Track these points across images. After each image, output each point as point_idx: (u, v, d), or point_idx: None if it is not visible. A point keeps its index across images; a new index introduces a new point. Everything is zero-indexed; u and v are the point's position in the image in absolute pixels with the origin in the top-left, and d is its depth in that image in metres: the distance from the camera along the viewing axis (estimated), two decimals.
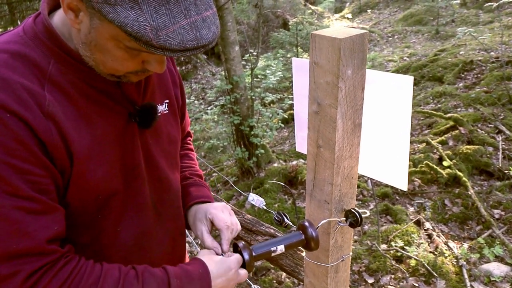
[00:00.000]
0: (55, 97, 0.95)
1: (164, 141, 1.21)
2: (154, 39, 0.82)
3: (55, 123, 0.93)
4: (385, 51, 10.11)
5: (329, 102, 1.07)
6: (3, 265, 0.87)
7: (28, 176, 0.89)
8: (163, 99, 1.22)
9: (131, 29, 0.81)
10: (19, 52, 0.94)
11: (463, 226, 3.74)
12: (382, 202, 4.16)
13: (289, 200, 4.65)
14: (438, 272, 3.17)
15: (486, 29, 9.07)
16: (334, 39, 1.00)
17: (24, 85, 0.90)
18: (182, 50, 0.84)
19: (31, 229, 0.89)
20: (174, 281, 1.02)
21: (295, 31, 8.20)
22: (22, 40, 0.97)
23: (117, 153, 1.07)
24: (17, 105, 0.88)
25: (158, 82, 1.21)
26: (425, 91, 6.41)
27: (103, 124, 1.03)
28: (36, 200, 0.91)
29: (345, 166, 1.14)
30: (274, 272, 3.63)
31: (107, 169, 1.04)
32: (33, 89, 0.91)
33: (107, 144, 1.04)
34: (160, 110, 1.20)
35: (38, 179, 0.91)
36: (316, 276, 1.32)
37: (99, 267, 0.98)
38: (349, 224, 1.20)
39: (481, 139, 4.54)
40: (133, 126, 1.10)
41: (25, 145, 0.89)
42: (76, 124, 0.98)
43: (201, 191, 1.39)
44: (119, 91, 1.06)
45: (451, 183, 4.14)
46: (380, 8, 14.61)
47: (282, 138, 7.00)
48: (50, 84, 0.95)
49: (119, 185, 1.09)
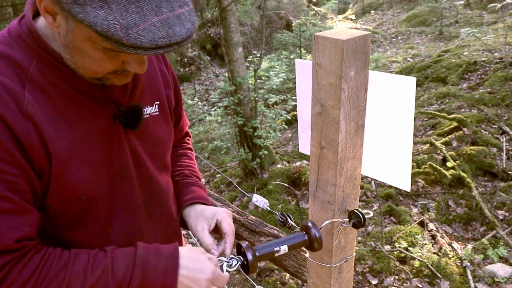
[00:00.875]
0: (35, 97, 0.95)
1: (151, 142, 1.21)
2: (125, 38, 0.81)
3: (33, 123, 0.94)
4: (389, 52, 10.10)
5: (332, 103, 1.07)
6: None
7: (3, 175, 0.91)
8: (153, 101, 1.22)
9: (101, 28, 0.80)
10: (1, 52, 0.95)
11: (467, 227, 3.73)
12: (386, 203, 4.15)
13: (292, 201, 4.65)
14: (442, 273, 3.16)
15: (490, 29, 9.05)
16: (337, 41, 1.00)
17: (4, 84, 0.91)
18: (153, 48, 0.83)
19: (2, 229, 0.91)
20: (140, 252, 1.04)
21: (298, 32, 8.21)
22: (6, 40, 0.98)
23: (102, 154, 1.07)
24: None
25: (148, 84, 1.20)
26: (429, 92, 6.40)
27: (85, 125, 1.03)
28: (10, 200, 0.92)
29: (348, 167, 1.15)
30: (278, 273, 3.63)
31: (90, 170, 1.04)
32: (13, 88, 0.92)
33: (90, 145, 1.04)
34: (149, 111, 1.20)
35: (13, 178, 0.92)
36: (319, 277, 1.32)
37: (67, 253, 1.00)
38: (352, 225, 1.20)
39: (485, 140, 4.53)
40: (118, 127, 1.10)
41: (2, 144, 0.90)
42: (56, 124, 0.98)
43: (202, 193, 1.40)
44: (103, 93, 1.05)
45: (455, 184, 4.14)
46: (384, 9, 14.60)
47: (286, 139, 7.01)
48: (31, 84, 0.95)
49: (106, 187, 1.09)
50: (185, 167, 1.44)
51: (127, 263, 1.02)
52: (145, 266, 1.03)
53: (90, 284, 0.98)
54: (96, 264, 1.00)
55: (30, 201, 0.97)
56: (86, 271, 0.98)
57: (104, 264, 1.00)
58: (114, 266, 1.01)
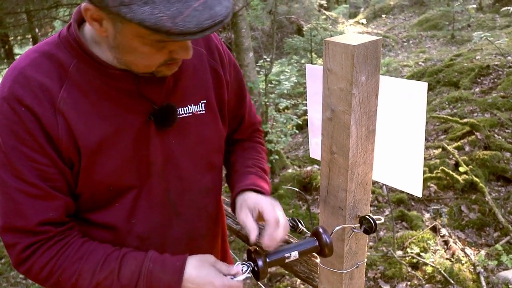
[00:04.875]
0: (71, 94, 1.05)
1: (192, 142, 1.22)
2: (173, 27, 0.85)
3: (64, 119, 1.04)
4: (400, 56, 10.06)
5: (343, 109, 1.07)
6: (8, 235, 1.06)
7: (34, 164, 1.03)
8: (199, 100, 1.23)
9: (149, 23, 0.85)
10: (48, 52, 1.06)
11: (480, 233, 3.69)
12: (398, 208, 4.12)
13: (303, 206, 4.64)
14: (455, 279, 3.13)
15: (503, 33, 8.97)
16: (348, 46, 1.00)
17: (41, 83, 1.03)
18: (200, 31, 0.88)
19: (29, 212, 1.04)
20: (147, 263, 1.10)
21: (309, 36, 8.21)
22: (54, 42, 1.09)
23: (131, 150, 1.12)
24: (31, 100, 1.01)
25: (195, 83, 1.23)
26: (441, 96, 6.36)
27: (117, 121, 1.09)
28: (37, 186, 1.04)
29: (359, 172, 1.14)
30: (289, 279, 3.62)
31: (119, 164, 1.11)
32: (49, 87, 1.03)
33: (120, 141, 1.10)
34: (193, 110, 1.21)
35: (43, 167, 1.04)
36: (330, 282, 1.31)
37: (86, 246, 1.11)
38: (363, 231, 1.19)
39: (498, 144, 4.48)
40: (151, 125, 1.14)
41: (34, 137, 1.02)
42: (88, 120, 1.07)
43: (256, 180, 1.32)
44: (136, 91, 1.11)
45: (467, 189, 4.10)
46: (395, 13, 14.54)
47: (297, 144, 7.00)
48: (69, 81, 1.05)
49: (132, 180, 1.15)
50: (249, 159, 1.40)
51: (133, 271, 1.09)
52: (150, 278, 1.09)
53: (96, 282, 1.07)
54: (106, 264, 1.08)
55: (60, 189, 1.08)
56: (96, 269, 1.08)
57: (112, 267, 1.08)
58: (121, 271, 1.08)
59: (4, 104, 1.01)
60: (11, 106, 1.01)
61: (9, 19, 8.10)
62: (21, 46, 10.93)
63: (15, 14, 7.76)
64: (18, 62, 1.06)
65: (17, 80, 1.02)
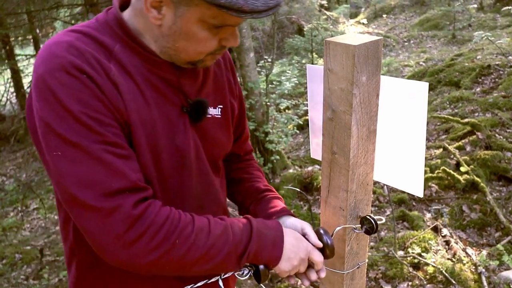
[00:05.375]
0: (119, 72, 1.04)
1: (209, 142, 1.25)
2: (244, 5, 0.93)
3: (118, 92, 1.03)
4: (401, 56, 10.05)
5: (344, 109, 1.07)
6: (106, 201, 0.95)
7: (108, 127, 0.99)
8: (217, 104, 1.27)
9: (224, 0, 0.92)
10: (89, 33, 1.05)
11: (482, 233, 3.69)
12: (399, 208, 4.12)
13: (304, 206, 4.64)
14: (457, 279, 3.13)
15: (504, 33, 8.95)
16: (348, 46, 1.00)
17: (94, 56, 1.01)
18: (266, 9, 0.96)
19: (124, 169, 0.98)
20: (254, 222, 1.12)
21: (310, 37, 8.20)
22: (94, 26, 1.09)
23: (166, 139, 1.13)
24: (91, 69, 0.99)
25: (215, 87, 1.27)
26: (442, 96, 6.35)
27: (158, 108, 1.11)
28: (121, 146, 1.00)
29: (360, 172, 1.14)
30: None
31: (155, 149, 1.10)
32: (101, 60, 1.02)
33: (158, 127, 1.11)
34: (212, 113, 1.25)
35: (116, 131, 1.01)
36: (331, 283, 1.31)
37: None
38: (364, 231, 1.19)
39: (499, 144, 4.47)
40: (185, 118, 1.16)
41: (102, 101, 0.99)
42: (136, 99, 1.06)
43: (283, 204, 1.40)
44: (177, 83, 1.14)
45: (468, 189, 4.09)
46: (396, 13, 14.53)
47: (297, 144, 6.99)
48: (115, 61, 1.05)
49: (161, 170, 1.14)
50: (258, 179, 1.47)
51: (243, 229, 1.10)
52: (259, 234, 1.10)
53: (214, 239, 1.03)
54: (217, 223, 1.07)
55: None
56: (210, 227, 1.05)
57: (225, 225, 1.07)
58: (233, 228, 1.08)
59: (63, 74, 0.96)
60: (71, 74, 0.96)
61: (10, 20, 8.11)
62: (22, 46, 10.94)
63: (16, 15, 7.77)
64: (60, 38, 1.02)
65: (70, 51, 0.99)
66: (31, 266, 4.96)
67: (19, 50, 11.19)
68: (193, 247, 1.00)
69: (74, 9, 8.49)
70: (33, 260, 5.05)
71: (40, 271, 4.76)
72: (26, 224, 6.41)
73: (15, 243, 5.64)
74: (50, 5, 7.21)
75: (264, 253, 1.10)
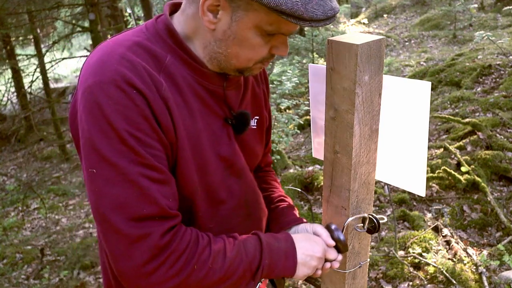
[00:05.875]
0: (168, 85, 1.03)
1: (246, 152, 1.26)
2: (305, 13, 0.92)
3: (167, 108, 1.01)
4: (402, 56, 10.05)
5: (346, 108, 1.07)
6: (135, 227, 0.94)
7: (149, 149, 0.97)
8: (254, 115, 1.29)
9: (286, 7, 0.91)
10: (140, 43, 1.04)
11: (482, 233, 3.69)
12: (399, 208, 4.12)
13: (305, 206, 4.64)
14: (457, 280, 3.13)
15: (505, 33, 8.95)
16: (351, 45, 1.00)
17: (146, 68, 0.99)
18: (324, 19, 0.96)
19: (157, 196, 0.97)
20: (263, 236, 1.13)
21: (310, 36, 8.19)
22: (144, 35, 1.07)
23: (211, 150, 1.13)
24: (142, 84, 0.96)
25: (253, 99, 1.28)
26: (443, 96, 6.35)
27: (203, 119, 1.11)
28: (159, 170, 0.98)
29: (362, 172, 1.14)
30: (290, 279, 3.61)
31: (201, 162, 1.11)
32: (152, 74, 1.00)
33: (203, 140, 1.11)
34: (250, 124, 1.25)
35: (157, 153, 0.99)
36: (333, 282, 1.31)
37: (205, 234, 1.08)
38: (366, 230, 1.19)
39: (500, 144, 4.47)
40: (228, 129, 1.17)
41: (148, 121, 0.97)
42: (182, 113, 1.05)
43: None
44: (222, 95, 1.14)
45: (469, 189, 4.09)
46: (397, 13, 14.53)
47: (298, 144, 6.99)
48: (165, 74, 1.04)
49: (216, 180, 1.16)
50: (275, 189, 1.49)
51: (255, 246, 1.10)
52: (270, 249, 1.11)
53: (230, 262, 1.04)
54: (231, 243, 1.08)
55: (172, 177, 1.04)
56: (226, 250, 1.05)
57: (238, 244, 1.08)
58: (246, 247, 1.09)
59: (112, 88, 0.94)
60: (121, 89, 0.94)
61: (11, 20, 8.11)
62: (23, 46, 10.95)
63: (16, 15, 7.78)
64: (112, 48, 1.00)
65: (122, 63, 0.97)
66: (31, 265, 4.96)
67: (20, 50, 11.20)
68: (210, 271, 1.01)
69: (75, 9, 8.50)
70: (34, 259, 5.05)
71: (41, 270, 4.76)
72: (27, 224, 6.42)
73: (16, 243, 5.65)
74: (51, 5, 7.22)
75: (278, 266, 1.11)
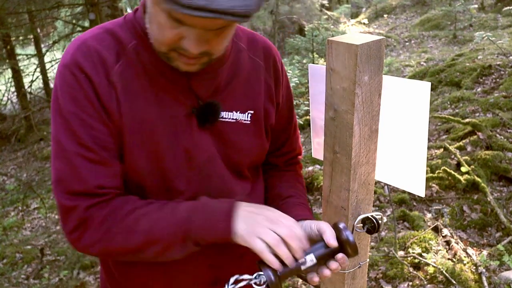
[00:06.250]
0: (125, 71, 1.08)
1: (228, 147, 1.20)
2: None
3: (116, 93, 1.07)
4: (402, 56, 10.05)
5: (346, 108, 1.07)
6: (68, 199, 1.06)
7: (92, 131, 1.05)
8: (246, 109, 1.22)
9: None
10: (111, 29, 1.11)
11: (482, 233, 3.69)
12: (399, 208, 4.12)
13: None
14: (457, 280, 3.13)
15: (505, 33, 8.96)
16: (351, 45, 1.00)
17: (100, 54, 1.06)
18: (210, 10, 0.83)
19: (87, 175, 1.05)
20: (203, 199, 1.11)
21: (310, 37, 8.19)
22: (119, 23, 1.14)
23: (168, 140, 1.12)
24: (91, 69, 1.05)
25: (246, 91, 1.22)
26: (443, 96, 6.35)
27: (163, 108, 1.11)
28: (95, 151, 1.05)
29: (362, 172, 1.14)
30: (290, 279, 3.62)
31: (154, 149, 1.11)
32: (106, 59, 1.06)
33: (159, 128, 1.11)
34: (238, 117, 1.20)
35: (99, 135, 1.06)
36: (332, 283, 1.31)
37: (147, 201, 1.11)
38: (366, 231, 1.19)
39: (500, 144, 4.47)
40: (192, 120, 1.14)
41: (93, 104, 1.05)
42: (134, 101, 1.09)
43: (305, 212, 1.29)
44: (187, 83, 1.12)
45: (469, 189, 4.09)
46: (397, 13, 14.54)
47: None
48: (126, 58, 1.08)
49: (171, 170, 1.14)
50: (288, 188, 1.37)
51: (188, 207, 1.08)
52: (205, 209, 1.07)
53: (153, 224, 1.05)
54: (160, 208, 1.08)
55: (115, 158, 1.10)
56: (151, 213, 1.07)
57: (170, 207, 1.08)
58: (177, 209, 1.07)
59: (67, 71, 1.05)
60: (72, 72, 1.05)
61: (11, 19, 8.12)
62: (23, 46, 10.95)
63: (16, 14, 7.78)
64: (83, 35, 1.11)
65: (80, 48, 1.07)
66: (31, 265, 4.96)
67: (20, 49, 11.20)
68: (134, 235, 1.05)
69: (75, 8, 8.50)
70: (34, 259, 5.05)
71: (41, 270, 4.76)
72: (27, 224, 6.42)
73: (16, 242, 5.65)
74: (51, 4, 7.22)
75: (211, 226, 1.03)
